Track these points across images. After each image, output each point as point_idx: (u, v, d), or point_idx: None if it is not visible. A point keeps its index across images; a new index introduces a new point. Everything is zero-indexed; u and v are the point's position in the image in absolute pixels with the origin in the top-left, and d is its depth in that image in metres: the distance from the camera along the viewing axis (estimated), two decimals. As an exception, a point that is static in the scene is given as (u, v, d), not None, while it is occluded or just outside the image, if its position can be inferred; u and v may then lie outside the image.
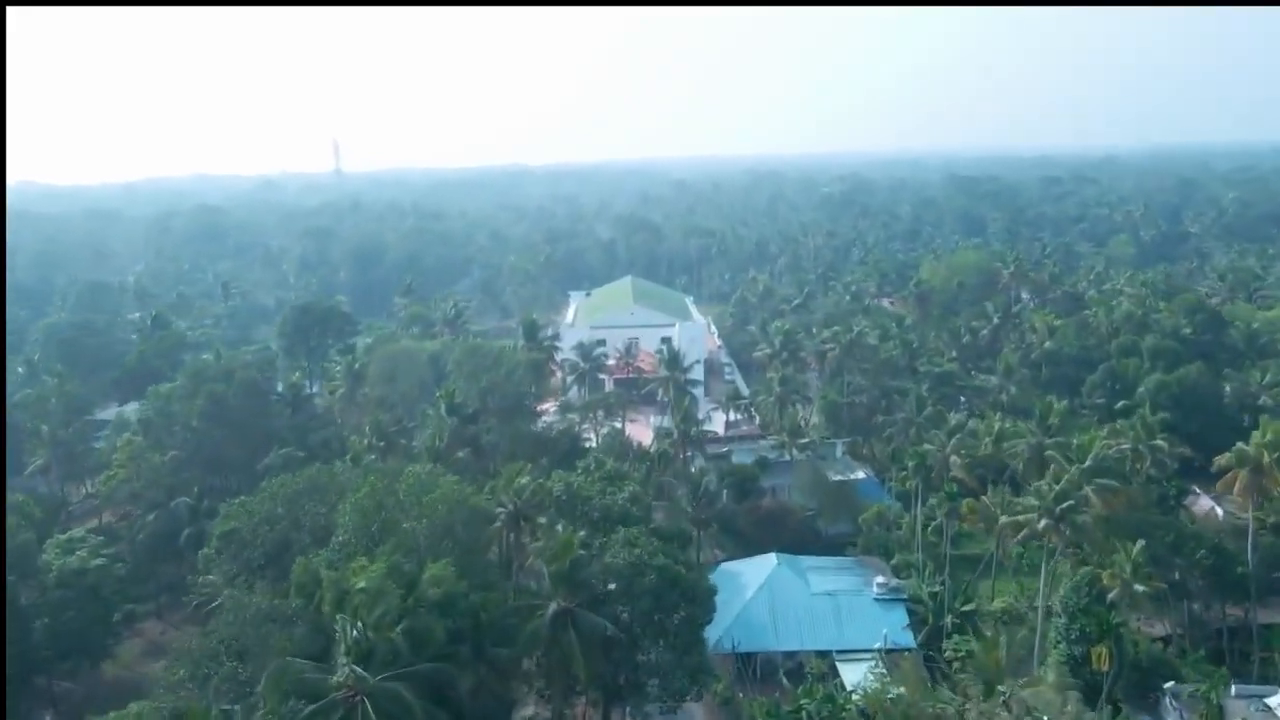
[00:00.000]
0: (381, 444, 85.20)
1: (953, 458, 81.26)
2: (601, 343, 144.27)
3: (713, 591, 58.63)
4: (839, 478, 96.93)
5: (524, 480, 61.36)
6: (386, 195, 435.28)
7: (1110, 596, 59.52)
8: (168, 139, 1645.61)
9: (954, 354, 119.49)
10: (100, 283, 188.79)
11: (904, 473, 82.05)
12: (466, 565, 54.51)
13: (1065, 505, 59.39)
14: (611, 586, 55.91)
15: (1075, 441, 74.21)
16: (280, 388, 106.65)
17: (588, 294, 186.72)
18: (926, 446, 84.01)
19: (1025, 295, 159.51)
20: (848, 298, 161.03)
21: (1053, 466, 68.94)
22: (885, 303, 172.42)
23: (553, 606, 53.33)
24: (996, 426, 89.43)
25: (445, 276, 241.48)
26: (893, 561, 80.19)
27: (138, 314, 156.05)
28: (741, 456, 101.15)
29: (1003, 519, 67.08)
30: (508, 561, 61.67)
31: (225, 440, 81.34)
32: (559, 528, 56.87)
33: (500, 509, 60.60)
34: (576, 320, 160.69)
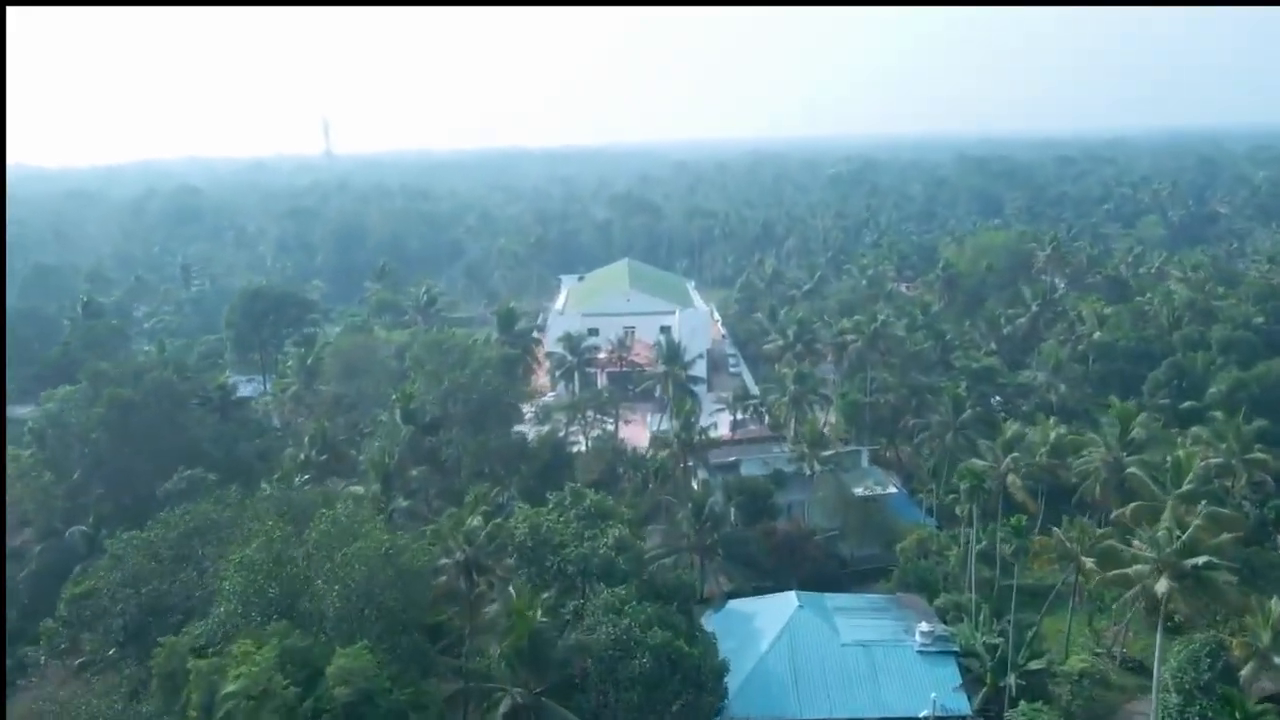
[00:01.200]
0: (324, 458, 71.34)
1: (1011, 477, 67.24)
2: (594, 332, 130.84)
3: (724, 670, 44.92)
4: (866, 492, 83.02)
5: (476, 521, 47.33)
6: (376, 176, 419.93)
7: (1243, 674, 45.66)
8: (162, 122, 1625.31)
9: (992, 346, 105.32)
10: (50, 266, 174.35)
11: (952, 495, 67.98)
12: (396, 643, 40.76)
13: (1198, 562, 44.99)
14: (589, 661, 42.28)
15: (1168, 458, 60.19)
16: (232, 389, 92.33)
17: (580, 278, 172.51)
18: (976, 462, 70.00)
19: (1058, 281, 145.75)
20: (864, 282, 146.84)
21: (1174, 505, 54.15)
22: (902, 288, 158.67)
23: (508, 700, 39.54)
24: (1052, 434, 75.65)
25: (431, 260, 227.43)
26: (937, 602, 66.35)
27: (89, 300, 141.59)
28: (751, 467, 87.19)
29: (1086, 562, 53.17)
30: (459, 626, 47.78)
31: (132, 456, 67.36)
32: (512, 590, 42.88)
33: (447, 559, 46.62)
34: (567, 307, 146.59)
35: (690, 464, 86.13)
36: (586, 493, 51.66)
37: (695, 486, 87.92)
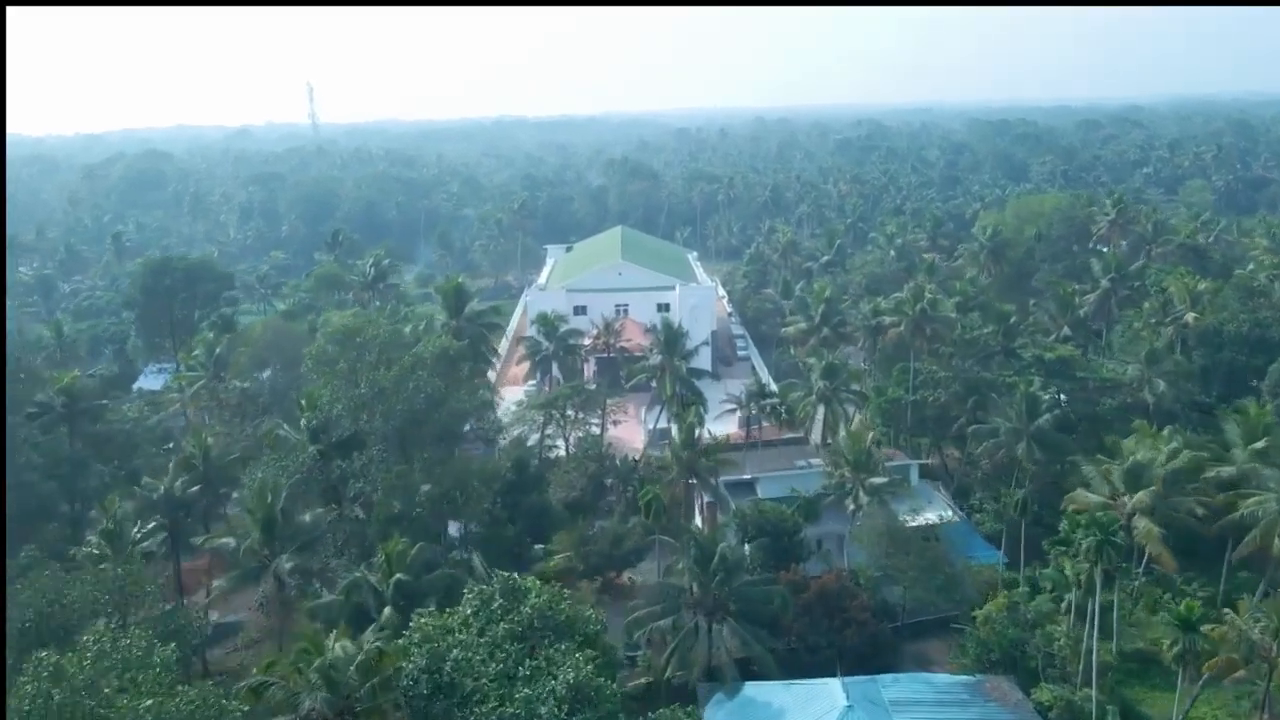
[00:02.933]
0: (194, 490, 52.51)
1: (1143, 522, 48.41)
2: (580, 311, 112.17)
3: None
4: (918, 521, 64.14)
5: (339, 649, 28.57)
6: (361, 143, 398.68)
7: None
8: (153, 91, 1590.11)
9: (1066, 331, 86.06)
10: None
11: (1059, 547, 49.12)
12: None
13: None
14: None
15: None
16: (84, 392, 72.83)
17: (568, 249, 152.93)
18: (1088, 495, 51.21)
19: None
20: (892, 253, 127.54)
21: None
22: (932, 259, 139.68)
23: None
24: (1164, 450, 56.95)
25: (409, 229, 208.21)
26: (1038, 695, 47.80)
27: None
28: (770, 488, 68.45)
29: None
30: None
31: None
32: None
33: (287, 716, 27.86)
34: (550, 282, 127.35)
35: (691, 480, 67.41)
36: (529, 588, 32.96)
37: (699, 517, 69.46)
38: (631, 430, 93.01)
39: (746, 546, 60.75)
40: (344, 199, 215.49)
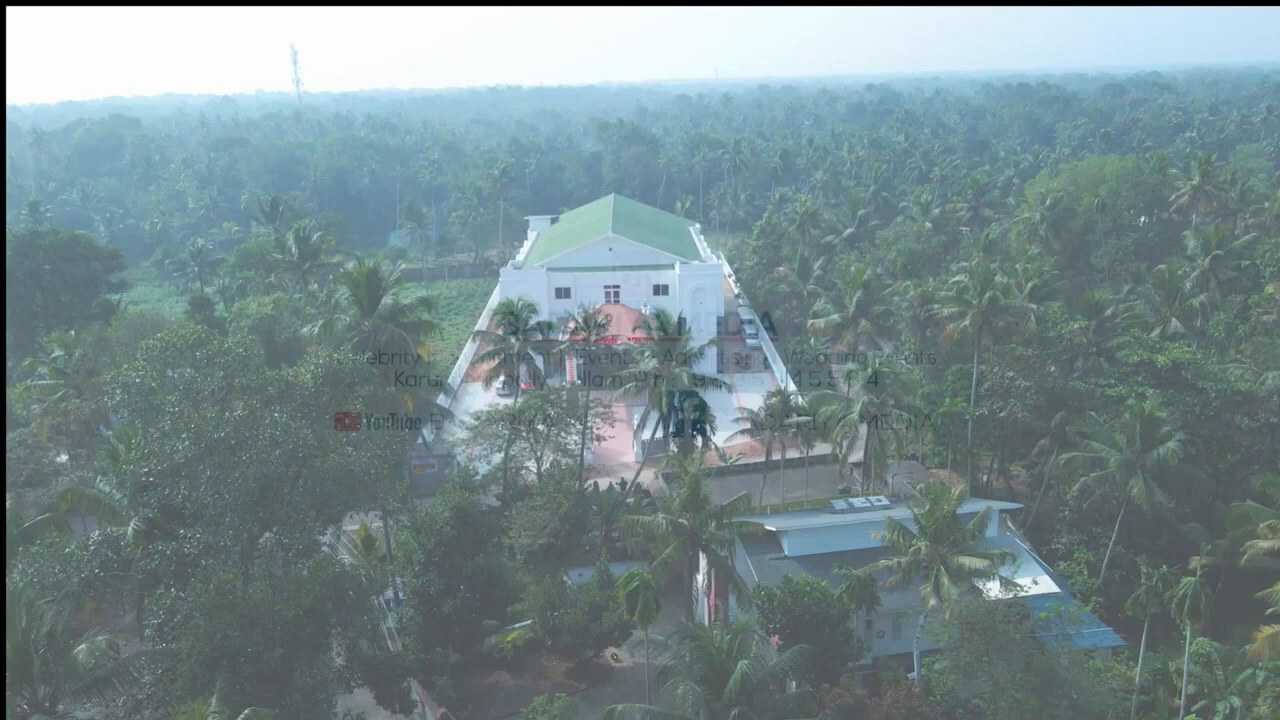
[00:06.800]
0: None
1: None
2: (563, 294, 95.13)
3: None
4: (1009, 590, 46.06)
5: None
6: (345, 109, 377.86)
7: None
8: (147, 61, 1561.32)
9: (1176, 325, 67.65)
10: None
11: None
12: None
13: None
14: None
15: None
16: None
17: (554, 220, 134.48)
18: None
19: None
20: (928, 225, 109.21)
21: None
22: (964, 230, 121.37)
23: None
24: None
25: (384, 200, 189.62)
26: None
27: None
28: (801, 544, 50.70)
29: None
30: None
31: None
32: None
33: None
34: (530, 259, 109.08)
35: (694, 551, 49.42)
36: None
37: (700, 578, 51.83)
38: (621, 441, 75.94)
39: (774, 639, 43.30)
40: (313, 166, 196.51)
